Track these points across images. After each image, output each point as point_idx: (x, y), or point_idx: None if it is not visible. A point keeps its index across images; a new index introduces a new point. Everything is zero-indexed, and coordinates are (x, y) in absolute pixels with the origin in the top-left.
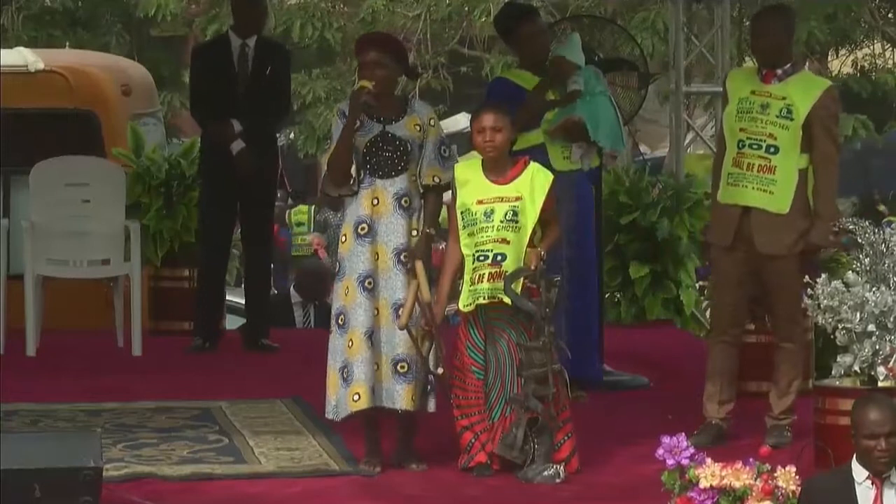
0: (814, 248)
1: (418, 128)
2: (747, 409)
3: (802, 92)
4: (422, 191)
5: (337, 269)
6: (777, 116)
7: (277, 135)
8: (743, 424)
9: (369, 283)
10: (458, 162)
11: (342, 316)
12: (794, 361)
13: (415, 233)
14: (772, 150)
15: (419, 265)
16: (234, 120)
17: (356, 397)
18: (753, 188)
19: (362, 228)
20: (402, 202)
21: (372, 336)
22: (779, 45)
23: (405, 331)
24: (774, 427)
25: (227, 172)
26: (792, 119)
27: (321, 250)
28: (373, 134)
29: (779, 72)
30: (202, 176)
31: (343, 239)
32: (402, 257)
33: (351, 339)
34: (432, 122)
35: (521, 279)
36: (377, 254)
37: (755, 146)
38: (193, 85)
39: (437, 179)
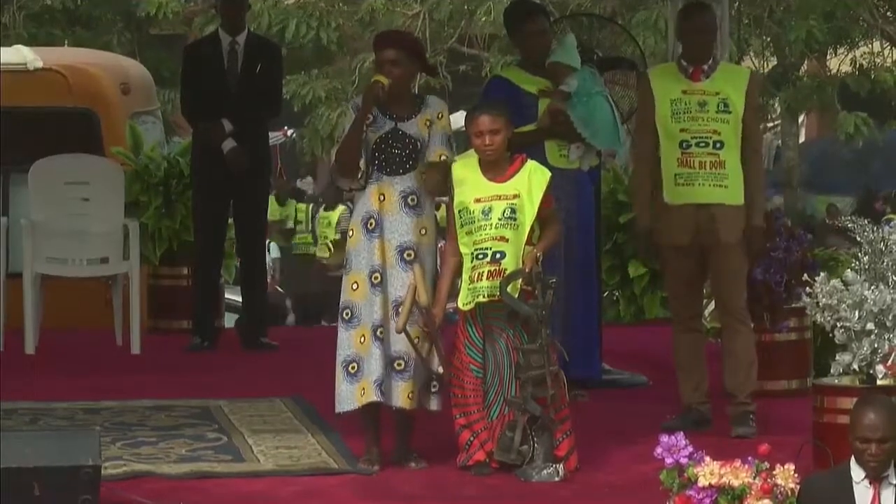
0: (756, 233)
1: (428, 123)
2: None
3: (732, 84)
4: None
5: (344, 263)
6: (717, 112)
7: (277, 133)
8: None
9: (376, 277)
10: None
11: (348, 310)
12: (749, 345)
13: (423, 231)
14: (718, 145)
15: (418, 268)
16: (225, 119)
17: (362, 392)
18: (710, 185)
19: (371, 223)
20: (409, 200)
21: (378, 332)
22: (712, 42)
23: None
24: (739, 414)
25: (219, 171)
26: (730, 112)
27: None
28: (384, 130)
29: (705, 67)
30: (194, 175)
31: (350, 233)
32: (405, 255)
33: (363, 335)
34: (440, 115)
35: (517, 282)
36: (383, 249)
37: (702, 144)
38: (184, 84)
39: (443, 158)
